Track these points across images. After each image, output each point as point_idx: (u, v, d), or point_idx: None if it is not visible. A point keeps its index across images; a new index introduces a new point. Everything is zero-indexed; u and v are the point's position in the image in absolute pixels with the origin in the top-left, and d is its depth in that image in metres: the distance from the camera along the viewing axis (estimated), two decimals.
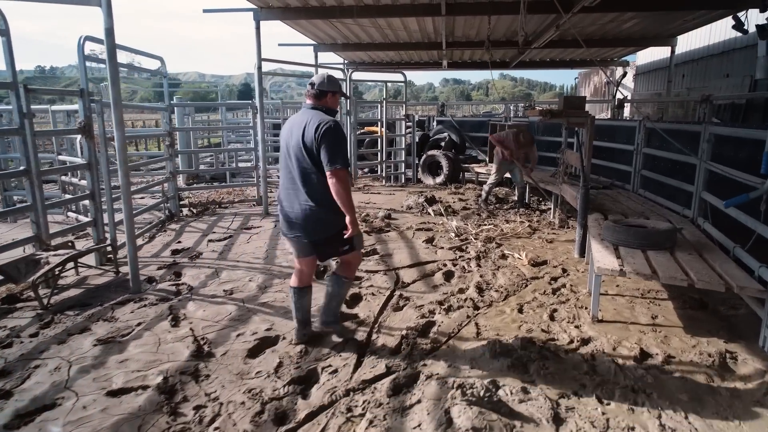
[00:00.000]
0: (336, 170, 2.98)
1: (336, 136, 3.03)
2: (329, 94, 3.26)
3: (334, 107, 3.32)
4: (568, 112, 5.84)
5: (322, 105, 3.25)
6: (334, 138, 3.01)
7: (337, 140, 3.03)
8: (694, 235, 4.81)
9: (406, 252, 5.83)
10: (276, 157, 11.21)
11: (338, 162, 2.98)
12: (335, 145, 3.01)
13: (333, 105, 3.31)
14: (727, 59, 9.85)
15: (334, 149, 3.00)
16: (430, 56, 12.59)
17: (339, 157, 3.00)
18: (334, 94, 3.30)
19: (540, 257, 5.71)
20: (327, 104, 3.28)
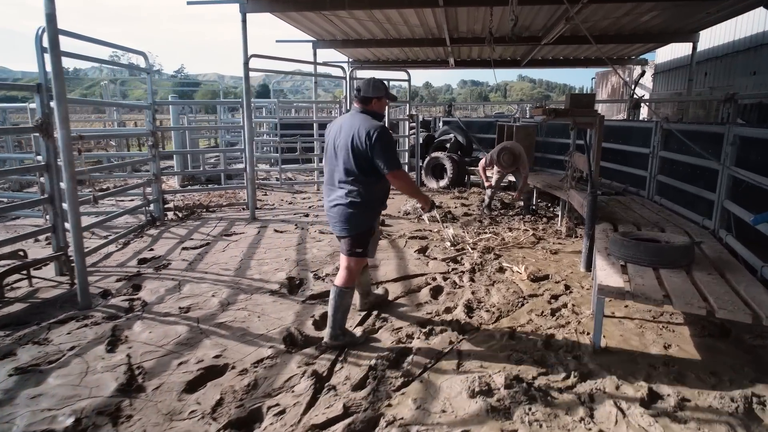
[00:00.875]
0: (394, 173, 3.23)
1: (387, 141, 3.21)
2: (374, 100, 3.38)
3: (380, 111, 3.46)
4: (574, 111, 5.29)
5: (369, 109, 3.38)
6: (386, 144, 3.19)
7: (389, 145, 3.22)
8: (715, 250, 4.22)
9: (394, 263, 5.33)
10: (273, 158, 10.79)
11: (394, 165, 3.22)
12: (387, 150, 3.20)
13: (379, 109, 3.44)
14: (754, 55, 9.12)
15: (387, 154, 3.20)
16: (437, 54, 12.07)
17: (394, 161, 3.23)
18: (380, 99, 3.40)
19: (541, 271, 5.17)
20: (373, 108, 3.40)
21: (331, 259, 5.41)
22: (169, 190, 7.92)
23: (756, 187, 4.41)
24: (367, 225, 3.41)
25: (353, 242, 3.42)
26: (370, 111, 3.37)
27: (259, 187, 10.10)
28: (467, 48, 11.46)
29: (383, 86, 3.44)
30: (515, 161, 7.42)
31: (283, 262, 5.22)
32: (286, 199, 9.02)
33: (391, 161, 3.21)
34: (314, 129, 10.37)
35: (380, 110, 3.44)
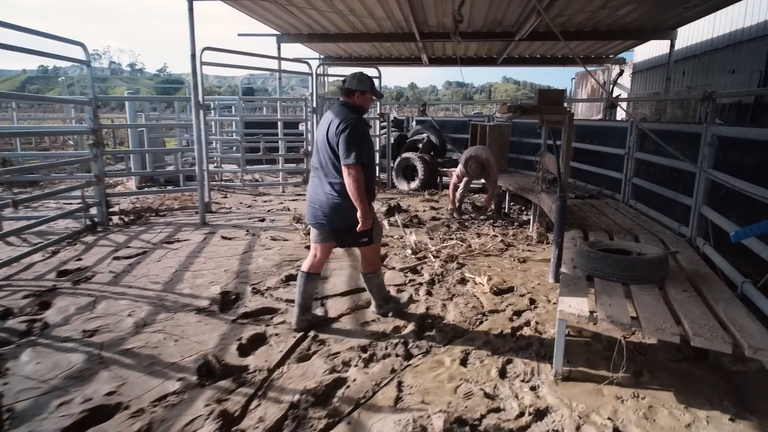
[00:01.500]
0: (347, 165, 3.19)
1: (352, 133, 3.19)
2: (357, 93, 3.40)
3: (364, 105, 3.47)
4: (542, 108, 4.86)
5: (351, 102, 3.41)
6: (350, 135, 3.18)
7: (353, 137, 3.18)
8: (692, 261, 3.82)
9: (346, 274, 4.86)
10: (238, 158, 10.25)
11: (350, 157, 3.16)
12: (350, 141, 3.17)
13: (363, 103, 3.45)
14: (732, 53, 8.82)
15: (348, 145, 3.17)
16: (410, 51, 11.63)
17: (352, 153, 3.16)
18: (363, 93, 3.41)
19: (506, 282, 4.74)
20: (356, 102, 3.42)
21: (278, 269, 4.92)
22: (114, 193, 7.34)
23: (735, 192, 4.02)
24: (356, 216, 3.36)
25: (353, 232, 3.42)
26: (351, 104, 3.40)
27: (219, 189, 9.56)
28: (440, 44, 11.03)
29: (369, 81, 3.44)
30: (483, 169, 7.00)
31: (222, 274, 4.71)
32: (246, 202, 8.50)
33: (349, 152, 3.18)
34: (279, 128, 9.84)
35: (363, 104, 3.46)
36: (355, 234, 3.43)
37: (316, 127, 9.60)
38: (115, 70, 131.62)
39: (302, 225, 6.42)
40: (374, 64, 10.59)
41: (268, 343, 3.44)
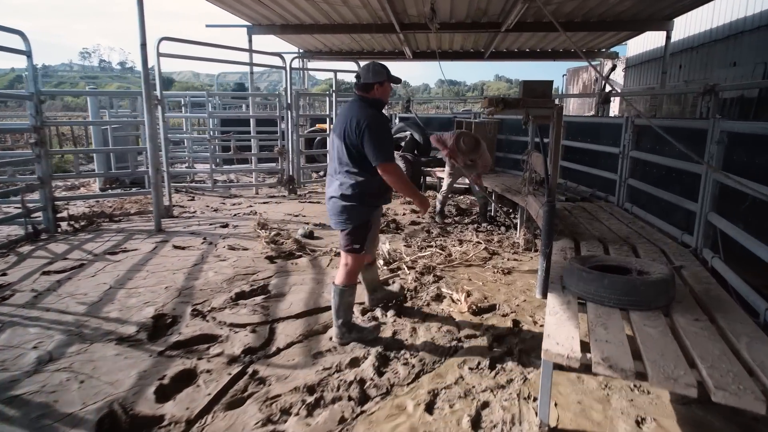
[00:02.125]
0: (382, 165, 3.05)
1: (377, 131, 3.03)
2: (376, 85, 3.21)
3: (383, 98, 3.28)
4: (527, 101, 4.30)
5: (371, 97, 3.22)
6: (375, 134, 3.02)
7: (378, 135, 3.03)
8: (700, 278, 3.28)
9: (307, 290, 4.28)
10: (210, 157, 9.61)
11: (381, 157, 3.03)
12: (376, 140, 3.02)
13: (382, 95, 3.26)
14: (733, 44, 8.29)
15: (376, 145, 3.02)
16: (392, 44, 11.05)
17: (382, 152, 3.03)
18: (382, 84, 3.22)
19: (487, 299, 4.18)
20: (376, 95, 3.23)
21: (228, 285, 4.33)
22: (63, 197, 6.72)
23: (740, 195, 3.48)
24: (361, 219, 3.25)
25: (348, 237, 3.27)
26: (370, 99, 3.21)
27: (187, 191, 8.94)
28: (424, 37, 10.45)
29: (384, 69, 3.24)
30: (476, 147, 6.45)
31: (161, 292, 4.11)
32: (213, 205, 7.88)
33: (380, 152, 3.03)
34: (251, 125, 9.23)
35: (383, 96, 3.26)
36: (344, 237, 3.28)
37: (291, 124, 9.05)
38: (105, 69, 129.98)
39: (266, 232, 5.82)
40: (355, 58, 10.01)
41: (196, 383, 2.85)
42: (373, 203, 3.32)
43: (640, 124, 5.43)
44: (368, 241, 3.36)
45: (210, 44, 7.33)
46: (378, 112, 3.19)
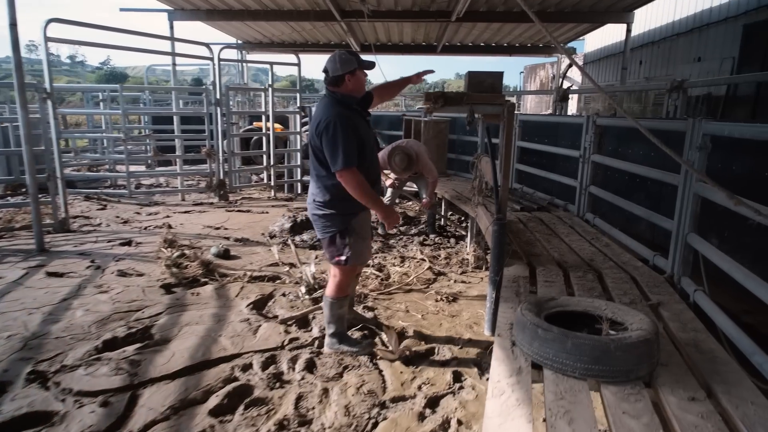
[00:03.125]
0: (339, 172, 2.76)
1: (335, 133, 2.70)
2: (347, 77, 2.84)
3: (356, 91, 2.91)
4: (472, 97, 3.54)
5: (341, 92, 2.88)
6: (332, 136, 2.71)
7: (336, 138, 2.71)
8: (684, 321, 2.58)
9: (200, 333, 3.39)
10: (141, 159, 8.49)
11: (337, 163, 2.73)
12: (333, 143, 2.72)
13: (355, 86, 2.89)
14: (698, 38, 7.78)
15: (332, 149, 2.73)
16: (336, 35, 10.19)
17: (338, 157, 2.72)
18: (353, 74, 2.85)
19: (425, 339, 3.42)
20: (348, 89, 2.88)
21: (99, 329, 3.39)
22: None
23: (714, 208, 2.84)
24: (338, 228, 2.98)
25: (330, 248, 3.03)
26: (339, 95, 2.88)
27: (99, 198, 7.83)
28: (370, 27, 9.63)
29: (353, 57, 2.89)
30: (410, 164, 5.62)
31: (0, 343, 3.14)
32: (125, 216, 6.83)
33: (335, 157, 2.74)
34: (175, 123, 8.19)
35: (357, 89, 2.92)
36: (326, 247, 3.04)
37: (221, 121, 8.08)
38: (54, 62, 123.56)
39: (171, 251, 4.88)
40: (297, 51, 9.11)
41: None
42: (350, 210, 2.96)
43: (603, 125, 4.76)
44: (354, 251, 3.00)
45: (117, 29, 6.29)
46: (345, 110, 2.81)
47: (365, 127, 3.00)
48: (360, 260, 3.13)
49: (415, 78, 3.48)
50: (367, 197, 2.84)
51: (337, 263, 3.04)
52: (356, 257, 3.05)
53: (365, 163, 2.92)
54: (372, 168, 3.03)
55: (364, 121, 3.02)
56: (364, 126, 2.99)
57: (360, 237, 3.05)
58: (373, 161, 3.09)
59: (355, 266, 3.18)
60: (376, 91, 3.38)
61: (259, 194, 8.90)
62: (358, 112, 2.98)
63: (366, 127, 3.01)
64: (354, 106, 2.95)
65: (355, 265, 3.13)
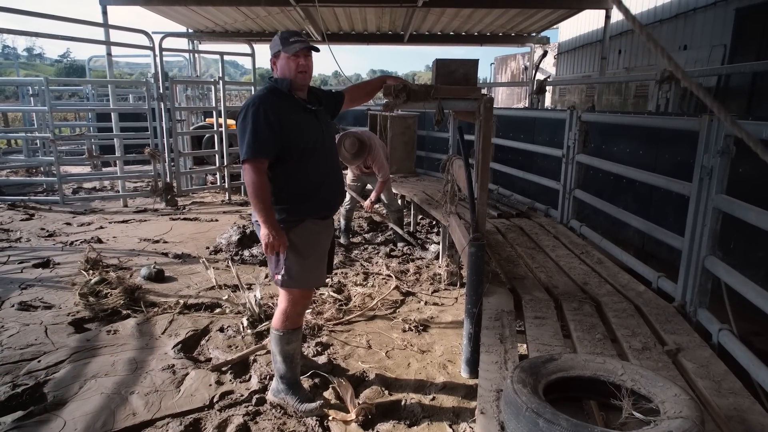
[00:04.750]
0: (243, 163, 2.32)
1: (243, 121, 2.31)
2: (272, 60, 2.45)
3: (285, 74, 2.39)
4: (442, 90, 2.91)
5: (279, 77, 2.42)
6: (240, 124, 2.33)
7: (244, 124, 2.30)
8: (713, 374, 2.04)
9: (108, 389, 2.70)
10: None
11: (242, 152, 2.31)
12: (242, 130, 2.31)
13: (282, 71, 2.39)
14: (684, 24, 7.29)
15: (240, 136, 2.33)
16: (294, 23, 9.41)
17: (243, 146, 2.31)
18: (277, 57, 2.40)
19: (389, 386, 2.81)
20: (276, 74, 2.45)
21: None
22: None
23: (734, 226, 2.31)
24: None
25: (270, 263, 2.50)
26: (279, 80, 2.41)
27: (25, 206, 6.94)
28: (330, 14, 8.90)
29: (279, 38, 2.39)
30: (362, 151, 4.99)
31: None
32: (52, 227, 5.99)
33: (242, 145, 2.30)
34: (113, 120, 7.35)
35: (284, 72, 2.38)
36: (269, 264, 2.55)
37: (165, 118, 7.28)
38: (9, 55, 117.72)
39: (93, 273, 4.13)
40: (252, 40, 8.33)
41: None
42: (290, 217, 2.41)
43: (588, 120, 4.20)
44: (290, 271, 2.44)
45: (40, 14, 5.43)
46: (273, 97, 2.35)
47: (307, 119, 2.43)
48: (298, 284, 2.49)
49: (391, 80, 2.86)
50: (257, 200, 2.30)
51: (281, 284, 2.49)
52: (292, 279, 2.46)
53: (302, 162, 2.40)
54: (318, 168, 2.47)
55: (305, 112, 2.44)
56: (306, 118, 2.43)
57: (300, 254, 2.43)
58: (322, 160, 2.50)
59: (302, 291, 2.55)
60: (349, 92, 2.85)
61: (212, 197, 8.12)
62: (297, 101, 2.42)
63: (309, 119, 2.44)
64: (291, 94, 2.41)
65: (294, 290, 2.51)
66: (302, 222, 2.44)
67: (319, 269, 2.61)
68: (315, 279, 2.63)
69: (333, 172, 2.59)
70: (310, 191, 2.45)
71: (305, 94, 2.49)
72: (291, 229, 2.40)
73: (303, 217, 2.44)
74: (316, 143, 2.44)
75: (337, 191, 2.63)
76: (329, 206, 2.59)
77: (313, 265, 2.54)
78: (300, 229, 2.43)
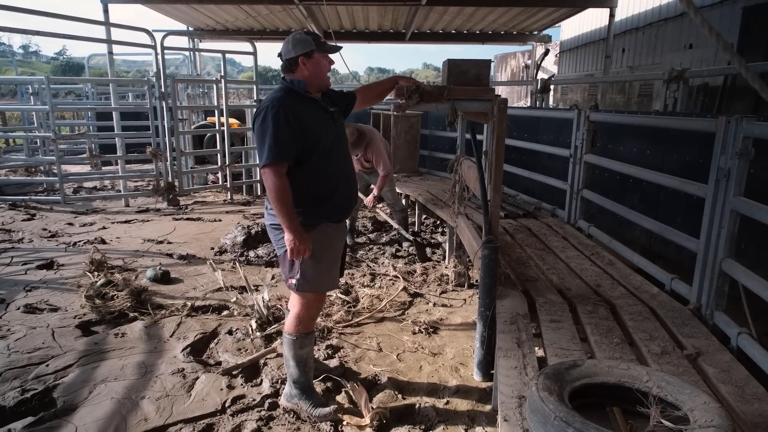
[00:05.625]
0: (262, 168, 2.26)
1: (263, 122, 2.23)
2: (301, 60, 2.31)
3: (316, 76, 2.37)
4: (454, 91, 2.89)
5: (298, 78, 2.35)
6: (259, 128, 2.26)
7: (264, 128, 2.23)
8: (735, 380, 2.02)
9: (119, 394, 2.67)
10: None
11: (262, 158, 2.25)
12: (261, 134, 2.25)
13: (314, 72, 2.35)
14: (689, 24, 7.23)
15: (260, 140, 2.26)
16: (296, 22, 9.38)
17: (263, 152, 2.24)
18: (310, 56, 2.32)
19: (402, 389, 2.78)
20: (304, 75, 2.35)
21: None
22: None
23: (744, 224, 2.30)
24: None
25: (282, 266, 2.48)
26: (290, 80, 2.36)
27: (26, 206, 6.89)
28: (333, 12, 8.87)
29: (309, 37, 2.34)
30: (360, 141, 4.96)
31: None
32: (54, 228, 5.95)
33: (262, 150, 2.24)
34: (114, 120, 7.30)
35: (316, 74, 2.36)
36: (282, 267, 2.50)
37: (167, 117, 7.24)
38: (5, 53, 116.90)
39: (97, 276, 4.10)
40: (253, 39, 8.29)
41: None
42: (307, 220, 2.35)
43: (597, 120, 4.18)
44: (305, 274, 2.40)
45: (29, 11, 5.39)
46: (291, 98, 2.29)
47: (324, 121, 2.40)
48: (313, 288, 2.47)
49: (403, 81, 2.83)
50: (280, 204, 2.25)
51: (295, 288, 2.44)
52: (307, 283, 2.42)
53: (320, 164, 2.37)
54: (334, 171, 2.44)
55: (323, 113, 2.41)
56: (323, 119, 2.40)
57: (315, 258, 2.38)
58: (338, 162, 2.47)
59: (316, 295, 2.52)
60: (361, 92, 2.81)
61: (214, 197, 8.08)
62: (315, 102, 2.40)
63: (326, 121, 2.41)
64: (308, 95, 2.38)
65: (309, 293, 2.47)
66: (318, 225, 2.41)
67: (333, 273, 2.59)
68: (329, 283, 2.61)
69: (348, 175, 2.57)
70: (327, 194, 2.42)
71: (320, 95, 2.47)
72: (307, 232, 2.37)
73: (319, 220, 2.41)
74: (333, 145, 2.41)
75: (352, 194, 2.60)
76: (344, 209, 2.56)
77: (328, 268, 2.51)
78: (316, 233, 2.40)
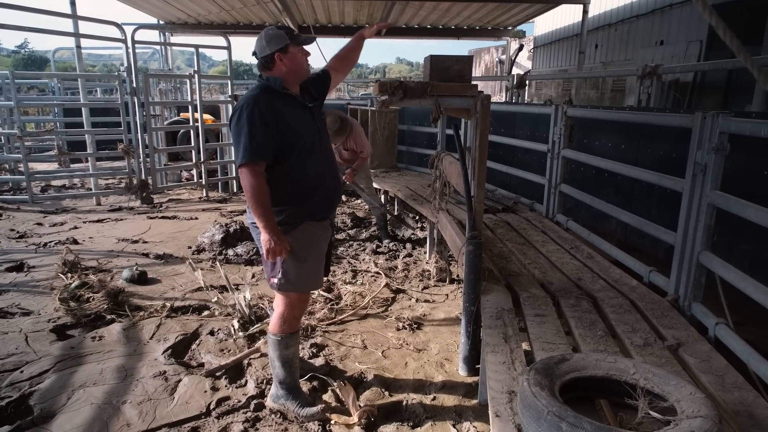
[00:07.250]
0: (239, 168, 2.23)
1: (238, 121, 2.21)
2: (277, 56, 2.28)
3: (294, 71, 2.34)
4: (438, 87, 2.89)
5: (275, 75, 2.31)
6: (235, 127, 2.23)
7: (239, 127, 2.20)
8: (714, 369, 2.08)
9: (98, 399, 2.60)
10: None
11: (239, 157, 2.21)
12: (237, 133, 2.22)
13: (292, 68, 2.32)
14: (660, 20, 7.43)
15: (236, 139, 2.23)
16: (271, 17, 9.23)
17: (239, 152, 2.21)
18: (286, 52, 2.28)
19: (389, 385, 2.78)
20: (282, 71, 2.31)
21: None
22: None
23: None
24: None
25: (266, 266, 2.43)
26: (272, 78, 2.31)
27: None
28: (308, 6, 8.75)
29: (283, 32, 2.30)
30: (343, 129, 5.03)
31: None
32: (23, 228, 5.75)
33: (238, 149, 2.22)
34: (84, 116, 7.09)
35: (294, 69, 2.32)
36: (264, 266, 2.47)
37: (138, 112, 7.06)
38: None
39: (71, 277, 3.98)
40: (227, 33, 8.13)
41: None
42: (289, 219, 2.34)
43: (574, 116, 4.24)
44: (287, 274, 2.37)
45: None
46: (268, 96, 2.26)
47: (303, 117, 2.36)
48: (295, 287, 2.44)
49: (368, 32, 2.79)
50: (256, 205, 2.21)
51: (277, 287, 2.42)
52: (289, 283, 2.40)
53: (299, 162, 2.33)
54: (315, 168, 2.40)
55: (301, 109, 2.37)
56: (301, 115, 2.36)
57: (297, 257, 2.36)
58: (319, 159, 2.43)
59: (300, 294, 2.50)
60: (331, 66, 2.69)
61: (189, 194, 7.93)
62: (293, 99, 2.35)
63: (304, 117, 2.37)
64: (286, 91, 2.33)
65: (292, 293, 2.45)
66: (300, 224, 2.38)
67: (317, 272, 2.55)
68: (313, 282, 2.58)
69: (330, 172, 2.54)
70: (308, 192, 2.39)
71: (298, 90, 2.42)
72: (288, 231, 2.34)
73: (301, 219, 2.38)
74: (314, 142, 2.38)
75: (335, 192, 2.57)
76: (327, 207, 2.53)
77: (311, 268, 2.48)
78: (298, 232, 2.37)
